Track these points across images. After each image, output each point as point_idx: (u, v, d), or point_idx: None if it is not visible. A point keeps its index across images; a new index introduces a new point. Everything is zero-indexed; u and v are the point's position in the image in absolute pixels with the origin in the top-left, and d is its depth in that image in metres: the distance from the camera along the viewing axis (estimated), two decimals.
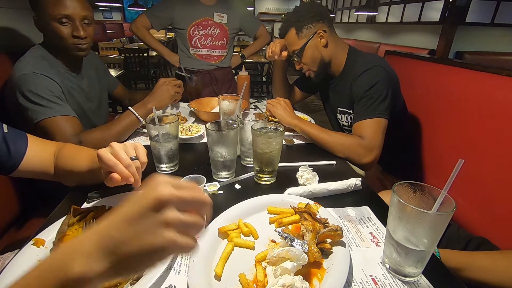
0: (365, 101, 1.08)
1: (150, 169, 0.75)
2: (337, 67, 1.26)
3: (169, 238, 0.32)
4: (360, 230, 0.67)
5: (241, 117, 0.93)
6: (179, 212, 0.33)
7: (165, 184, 0.33)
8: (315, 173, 0.86)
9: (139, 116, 1.09)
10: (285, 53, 1.32)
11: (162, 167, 0.90)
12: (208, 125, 0.82)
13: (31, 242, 0.58)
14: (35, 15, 1.04)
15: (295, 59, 1.26)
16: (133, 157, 0.63)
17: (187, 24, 1.87)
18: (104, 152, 0.60)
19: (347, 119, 1.28)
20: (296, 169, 0.87)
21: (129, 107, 1.11)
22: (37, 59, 1.04)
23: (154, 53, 5.50)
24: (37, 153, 0.76)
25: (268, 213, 0.70)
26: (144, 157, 0.65)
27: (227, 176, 0.87)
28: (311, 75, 1.28)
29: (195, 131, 1.18)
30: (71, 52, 1.09)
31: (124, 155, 0.61)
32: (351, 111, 1.23)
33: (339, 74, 1.27)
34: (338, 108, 1.30)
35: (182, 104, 1.57)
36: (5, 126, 0.75)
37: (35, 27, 1.07)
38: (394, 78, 1.16)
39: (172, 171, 0.91)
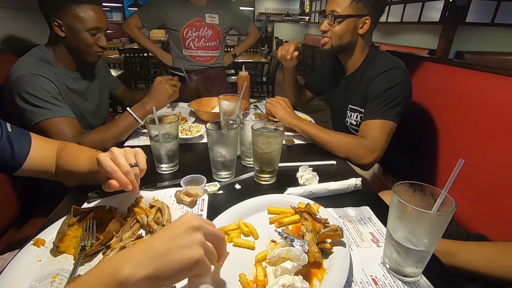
0: (378, 101, 1.07)
1: (150, 169, 0.75)
2: (353, 62, 1.23)
3: (202, 253, 0.39)
4: (360, 230, 0.67)
5: (241, 117, 0.93)
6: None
7: (196, 217, 0.42)
8: (315, 173, 0.86)
9: (137, 118, 1.09)
10: (296, 53, 1.29)
11: (162, 167, 0.90)
12: (208, 125, 0.82)
13: (31, 242, 0.58)
14: (59, 20, 1.05)
15: (327, 20, 1.16)
16: (133, 164, 0.63)
17: (180, 25, 1.89)
18: (104, 158, 0.60)
19: (356, 117, 1.25)
20: (296, 169, 0.87)
21: (128, 108, 1.11)
22: (34, 60, 1.05)
23: None
24: (40, 153, 0.76)
25: (268, 213, 0.70)
26: (143, 164, 0.65)
27: (227, 176, 0.87)
28: (327, 46, 1.20)
29: (195, 131, 1.17)
30: (89, 58, 1.15)
31: (123, 161, 0.61)
32: (362, 110, 1.20)
33: (354, 70, 1.24)
34: (350, 106, 1.27)
35: (182, 104, 1.57)
36: (8, 125, 0.75)
37: (34, 27, 1.08)
38: (410, 82, 1.14)
39: (172, 171, 0.91)
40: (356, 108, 1.24)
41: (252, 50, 6.07)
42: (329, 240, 0.57)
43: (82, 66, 1.21)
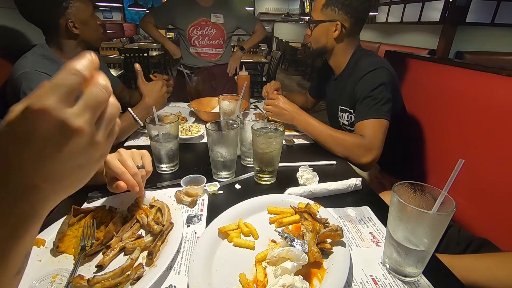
0: (368, 101, 1.08)
1: None
2: (338, 64, 1.26)
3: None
4: (360, 230, 0.67)
5: (241, 117, 0.93)
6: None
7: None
8: (315, 173, 0.86)
9: (137, 118, 1.09)
10: (275, 92, 1.37)
11: (162, 167, 0.90)
12: (208, 125, 0.82)
13: None
14: (70, 21, 1.10)
15: (310, 24, 1.27)
16: (139, 166, 0.64)
17: (186, 25, 2.01)
18: (112, 159, 0.60)
19: (347, 117, 1.27)
20: (296, 169, 0.87)
21: (129, 108, 1.10)
22: (38, 58, 1.06)
23: (155, 53, 5.50)
24: None
25: (268, 213, 0.70)
26: (149, 166, 0.66)
27: (227, 176, 0.87)
28: (309, 49, 1.31)
29: (195, 131, 1.17)
30: (99, 42, 1.23)
31: (131, 163, 0.62)
32: (352, 110, 1.22)
33: (341, 71, 1.26)
34: (340, 107, 1.29)
35: (182, 104, 1.57)
36: None
37: (34, 27, 1.09)
38: (396, 80, 1.17)
39: (172, 171, 0.91)
40: (346, 108, 1.26)
41: (252, 50, 6.08)
42: (329, 240, 0.57)
43: None
